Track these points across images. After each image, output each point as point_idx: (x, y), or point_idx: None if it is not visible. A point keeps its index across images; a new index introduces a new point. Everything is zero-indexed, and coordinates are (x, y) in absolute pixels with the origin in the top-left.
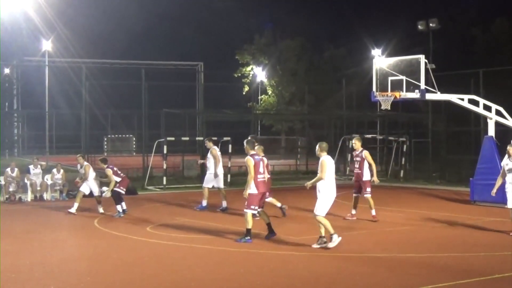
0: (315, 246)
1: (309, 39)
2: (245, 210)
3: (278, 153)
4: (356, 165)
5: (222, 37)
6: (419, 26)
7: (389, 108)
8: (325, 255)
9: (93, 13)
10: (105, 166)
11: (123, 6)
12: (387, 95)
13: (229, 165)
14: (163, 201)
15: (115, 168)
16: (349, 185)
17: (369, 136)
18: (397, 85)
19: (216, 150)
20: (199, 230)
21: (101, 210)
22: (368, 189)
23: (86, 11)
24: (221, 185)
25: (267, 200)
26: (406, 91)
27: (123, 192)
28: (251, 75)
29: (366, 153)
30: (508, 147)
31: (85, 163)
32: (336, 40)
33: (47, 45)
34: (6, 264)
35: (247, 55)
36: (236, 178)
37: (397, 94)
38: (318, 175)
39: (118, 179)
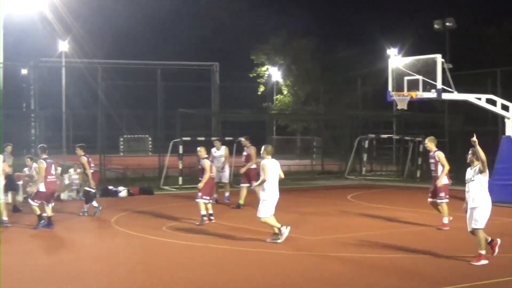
0: (268, 240)
1: (324, 39)
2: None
3: (293, 153)
4: (432, 168)
5: (237, 37)
6: (436, 25)
7: (405, 108)
8: (341, 255)
9: (109, 14)
10: (82, 153)
11: (138, 7)
12: (403, 94)
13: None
14: (179, 201)
15: (90, 159)
16: (366, 186)
17: (385, 136)
18: (413, 85)
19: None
20: (215, 230)
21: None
22: (442, 194)
23: (102, 12)
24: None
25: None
26: (423, 91)
27: (93, 191)
28: (266, 75)
29: (439, 154)
30: None
31: (35, 164)
32: (352, 40)
33: (63, 46)
34: (23, 264)
35: (262, 55)
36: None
37: (413, 93)
38: (262, 177)
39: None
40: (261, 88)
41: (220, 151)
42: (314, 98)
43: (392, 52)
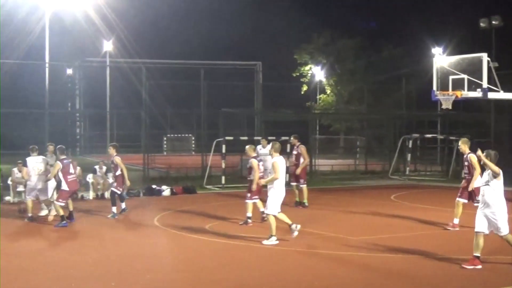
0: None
1: (367, 38)
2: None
3: (336, 152)
4: (465, 170)
5: (280, 36)
6: (481, 24)
7: (450, 107)
8: (380, 255)
9: (152, 13)
10: (115, 153)
11: (181, 7)
12: (448, 94)
13: (287, 165)
14: (222, 200)
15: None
16: (409, 186)
17: (429, 136)
18: (458, 84)
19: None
20: (257, 228)
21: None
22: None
23: (146, 12)
24: None
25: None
26: (468, 90)
27: (119, 192)
28: (309, 75)
29: (471, 157)
30: None
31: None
32: (396, 39)
33: (108, 46)
34: (68, 261)
35: (305, 55)
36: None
37: (458, 93)
38: (273, 175)
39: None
40: (304, 88)
41: (266, 149)
42: (357, 98)
43: (437, 51)
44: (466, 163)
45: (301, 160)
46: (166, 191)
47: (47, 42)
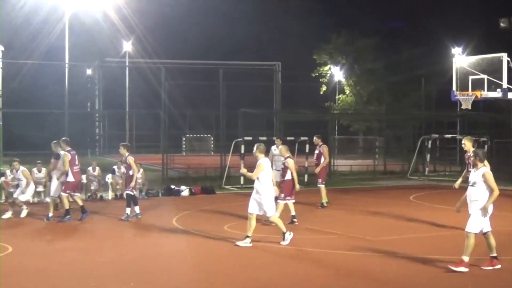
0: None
1: (386, 38)
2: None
3: (355, 153)
4: (470, 168)
5: (299, 36)
6: (501, 24)
7: (469, 107)
8: (400, 256)
9: (171, 14)
10: (127, 153)
11: (200, 7)
12: (467, 94)
13: (306, 165)
14: (241, 201)
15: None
16: (429, 186)
17: (449, 136)
18: (478, 84)
19: None
20: (276, 229)
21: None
22: None
23: (165, 12)
24: None
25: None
26: (488, 90)
27: (132, 194)
28: (328, 75)
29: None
30: None
31: (22, 168)
32: (415, 39)
33: (127, 46)
34: (86, 261)
35: (324, 55)
36: (313, 178)
37: (478, 93)
38: (253, 175)
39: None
40: (323, 88)
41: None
42: (376, 98)
43: (457, 51)
44: (469, 161)
45: (322, 159)
46: (185, 191)
47: (66, 42)
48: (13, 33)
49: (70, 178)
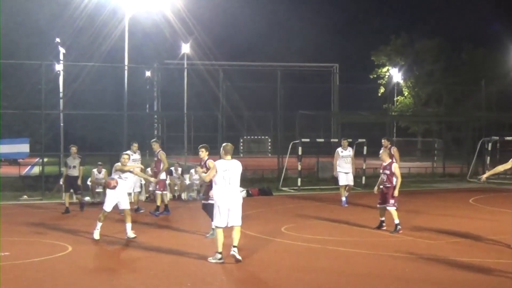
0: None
1: (447, 39)
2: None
3: (414, 155)
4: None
5: (358, 38)
6: None
7: None
8: (463, 260)
9: (229, 16)
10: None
11: (259, 10)
12: None
13: (364, 167)
14: (298, 202)
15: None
16: (489, 189)
17: (510, 138)
18: None
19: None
20: (333, 231)
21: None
22: None
23: (223, 14)
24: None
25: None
26: None
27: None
28: (387, 76)
29: None
30: None
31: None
32: (476, 40)
33: (185, 48)
34: (145, 261)
35: (383, 56)
36: (371, 180)
37: None
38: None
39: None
40: (381, 89)
41: (347, 151)
42: (435, 100)
43: None
44: None
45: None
46: (242, 192)
47: (126, 44)
48: (74, 36)
49: (163, 176)
